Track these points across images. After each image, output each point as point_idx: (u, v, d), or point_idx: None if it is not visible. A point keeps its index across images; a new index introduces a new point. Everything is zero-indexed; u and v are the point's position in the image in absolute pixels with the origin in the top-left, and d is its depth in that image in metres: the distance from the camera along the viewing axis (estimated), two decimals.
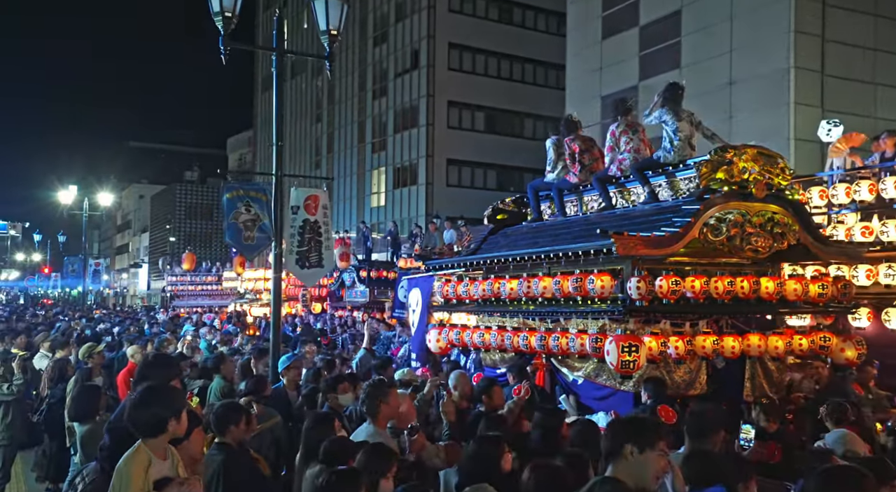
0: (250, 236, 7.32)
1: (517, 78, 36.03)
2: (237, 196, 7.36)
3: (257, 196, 7.42)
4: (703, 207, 5.53)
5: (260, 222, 7.32)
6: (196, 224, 61.94)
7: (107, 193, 24.37)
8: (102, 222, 76.65)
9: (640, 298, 5.43)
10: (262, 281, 22.10)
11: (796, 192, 6.02)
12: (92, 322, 17.80)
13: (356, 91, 38.86)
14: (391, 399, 4.36)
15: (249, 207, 7.29)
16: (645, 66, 22.44)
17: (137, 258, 66.95)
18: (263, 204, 7.41)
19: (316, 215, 7.74)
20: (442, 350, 7.98)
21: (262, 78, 50.32)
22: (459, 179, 34.74)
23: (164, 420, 3.00)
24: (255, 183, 8.00)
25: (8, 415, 7.48)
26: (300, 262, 7.65)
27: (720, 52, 19.99)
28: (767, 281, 5.84)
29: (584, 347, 5.83)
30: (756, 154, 5.73)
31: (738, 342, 5.83)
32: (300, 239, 7.64)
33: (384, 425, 4.34)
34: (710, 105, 19.82)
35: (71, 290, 59.77)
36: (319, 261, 7.73)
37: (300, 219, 7.69)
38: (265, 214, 7.38)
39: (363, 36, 38.21)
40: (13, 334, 11.16)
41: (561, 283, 5.95)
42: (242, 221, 7.26)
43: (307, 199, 7.76)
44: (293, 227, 7.67)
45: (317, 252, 7.71)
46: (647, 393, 5.42)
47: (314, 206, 7.74)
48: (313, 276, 8.00)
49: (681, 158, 6.09)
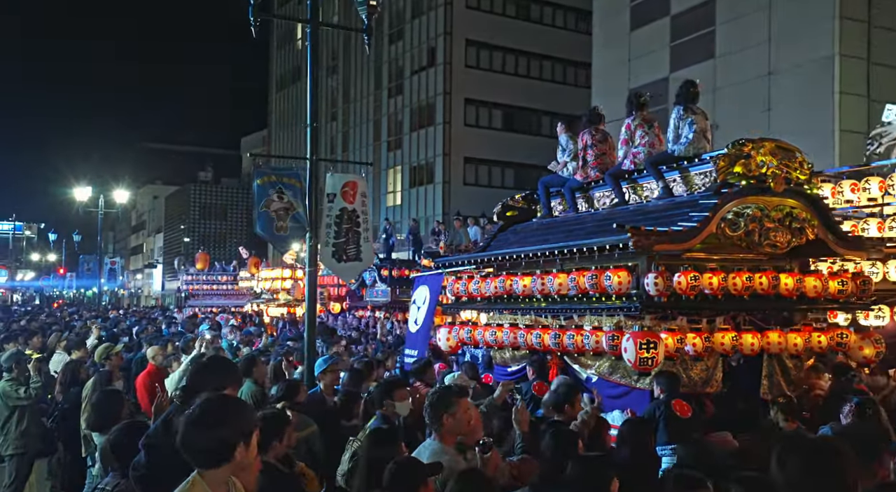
0: (283, 226, 6.81)
1: (535, 75, 36.10)
2: (269, 182, 6.82)
3: (291, 182, 6.89)
4: (721, 201, 5.55)
5: (293, 211, 6.82)
6: (210, 224, 62.67)
7: (122, 190, 24.60)
8: (117, 223, 77.80)
9: (658, 294, 5.44)
10: (280, 280, 22.22)
11: (815, 186, 6.05)
12: (108, 322, 17.93)
13: (371, 89, 39.14)
14: (460, 410, 3.74)
15: (282, 195, 6.78)
16: (676, 56, 22.08)
17: (152, 259, 67.93)
18: (297, 191, 6.90)
19: (354, 204, 7.18)
20: (452, 349, 7.86)
21: (277, 77, 50.87)
22: (476, 177, 34.88)
23: (232, 446, 2.29)
24: (289, 168, 7.36)
25: (23, 421, 7.06)
26: (337, 255, 7.10)
27: (757, 42, 19.44)
28: (787, 277, 5.84)
29: (599, 345, 5.85)
30: (774, 148, 5.76)
31: (756, 339, 5.82)
32: (337, 230, 7.09)
33: (451, 441, 3.74)
34: (746, 97, 19.51)
35: (86, 290, 60.85)
36: (358, 254, 7.19)
37: (337, 208, 7.13)
38: (299, 202, 6.88)
39: (378, 33, 38.46)
40: (27, 335, 10.73)
41: (577, 279, 5.97)
42: (274, 209, 6.75)
43: (345, 185, 7.20)
44: (329, 216, 7.09)
45: (355, 244, 7.17)
46: (661, 387, 5.41)
47: (352, 193, 7.18)
48: (351, 270, 7.43)
49: (696, 151, 6.11)
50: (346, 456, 4.39)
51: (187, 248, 54.68)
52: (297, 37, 47.96)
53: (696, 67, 21.11)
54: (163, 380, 6.87)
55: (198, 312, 21.70)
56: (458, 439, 3.79)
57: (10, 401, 7.01)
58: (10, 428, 7.02)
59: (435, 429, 3.75)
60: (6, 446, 7.03)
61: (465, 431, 3.79)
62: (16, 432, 7.01)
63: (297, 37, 48.04)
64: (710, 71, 20.74)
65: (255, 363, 6.48)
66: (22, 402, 6.99)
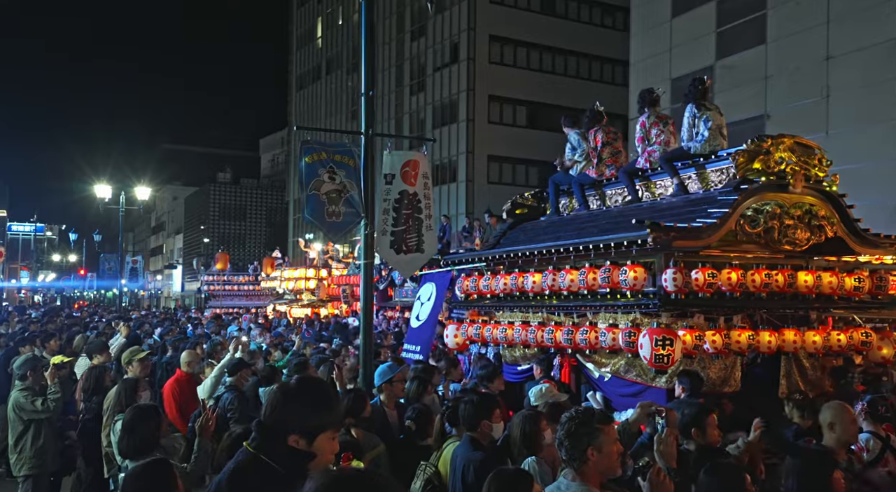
0: (336, 212, 6.04)
1: (560, 71, 36.16)
2: (319, 160, 6.06)
3: (344, 161, 6.12)
4: (741, 197, 5.63)
5: (347, 194, 6.05)
6: (230, 225, 63.73)
7: (144, 186, 24.95)
8: (137, 224, 79.46)
9: (676, 291, 5.51)
10: (304, 281, 22.27)
11: (833, 183, 6.10)
12: (131, 323, 17.89)
13: (393, 87, 39.51)
14: (607, 442, 3.00)
15: (334, 175, 6.03)
16: (723, 43, 21.36)
17: (171, 260, 69.29)
18: (352, 171, 6.13)
19: (415, 186, 6.38)
20: (459, 346, 7.79)
21: (297, 76, 51.56)
22: (500, 175, 35.05)
23: None
24: (342, 144, 6.46)
25: (39, 436, 6.24)
26: (395, 245, 6.31)
27: (814, 24, 18.67)
28: (806, 275, 5.90)
29: (615, 342, 5.90)
30: (793, 144, 5.86)
31: (774, 338, 5.87)
32: (396, 216, 6.30)
33: (598, 482, 3.04)
34: (801, 84, 18.66)
35: (106, 291, 62.29)
36: (419, 245, 6.40)
37: (396, 190, 6.35)
38: (354, 183, 6.10)
39: (400, 29, 38.83)
40: (44, 337, 9.78)
41: (590, 275, 6.03)
42: (325, 192, 5.99)
43: (405, 165, 6.39)
44: (387, 200, 6.33)
45: (416, 233, 6.40)
46: (682, 386, 5.44)
47: (413, 174, 6.37)
48: (411, 264, 6.61)
49: (712, 148, 6.21)
50: (418, 485, 4.07)
51: (207, 248, 55.66)
52: (318, 35, 48.57)
53: (745, 54, 20.48)
54: (193, 388, 6.65)
55: (220, 313, 21.86)
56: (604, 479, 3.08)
57: (25, 414, 6.24)
58: (25, 445, 6.23)
59: (575, 466, 3.03)
60: (20, 466, 6.24)
61: (612, 468, 3.09)
62: (31, 449, 6.22)
63: (317, 36, 48.66)
64: (761, 57, 20.14)
65: (306, 367, 5.78)
66: (39, 415, 6.23)
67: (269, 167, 70.69)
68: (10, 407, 6.37)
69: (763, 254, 6.05)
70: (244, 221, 64.76)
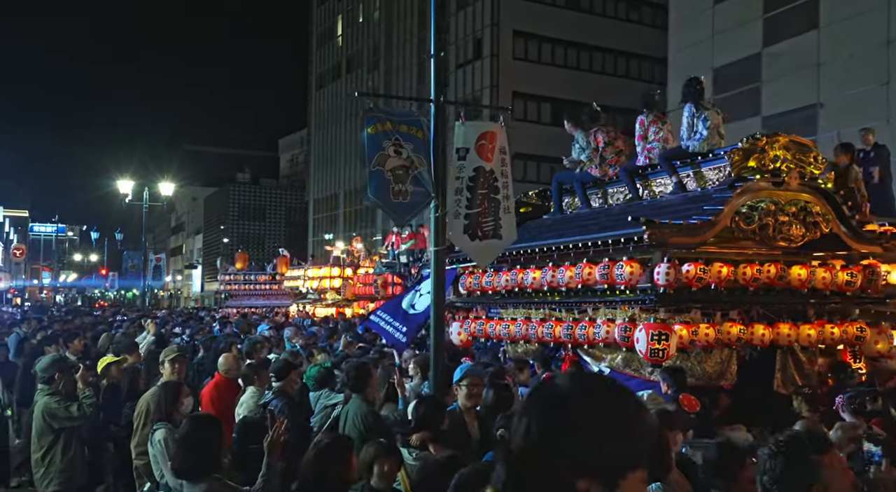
0: (402, 191, 5.39)
1: (584, 67, 36.43)
2: (383, 131, 5.42)
3: (412, 133, 5.50)
4: (735, 195, 5.95)
5: (415, 171, 5.41)
6: (249, 225, 65.01)
7: (168, 182, 25.10)
8: (157, 225, 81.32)
9: (667, 285, 5.78)
10: (328, 280, 22.00)
11: (828, 180, 6.42)
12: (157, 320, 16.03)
13: (415, 84, 40.14)
14: (834, 477, 2.40)
15: (400, 149, 5.40)
16: (772, 29, 20.87)
17: (191, 260, 70.88)
18: (420, 144, 5.48)
19: (492, 162, 5.64)
20: (464, 343, 7.99)
21: (316, 75, 52.43)
22: (525, 173, 35.48)
23: None
24: (409, 113, 5.81)
25: (70, 448, 5.65)
26: (470, 230, 5.58)
27: (872, 6, 18.13)
28: (799, 269, 6.15)
29: (610, 336, 6.17)
30: (788, 142, 6.20)
31: (767, 331, 6.13)
32: (470, 197, 5.56)
33: None
34: (857, 71, 18.21)
35: (126, 291, 63.98)
36: (496, 229, 5.65)
37: (471, 167, 5.60)
38: (423, 158, 5.46)
39: (422, 26, 39.39)
40: (67, 336, 9.33)
41: (587, 271, 6.30)
42: (390, 168, 5.35)
43: (481, 138, 5.63)
44: (460, 178, 5.58)
45: (492, 216, 5.64)
46: (667, 383, 5.56)
47: (490, 148, 5.64)
48: (488, 251, 5.82)
49: (710, 147, 6.52)
50: None
51: (226, 248, 56.87)
52: (338, 34, 49.39)
53: (795, 40, 19.96)
54: (234, 394, 6.11)
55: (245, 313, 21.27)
56: None
57: (58, 422, 5.60)
58: (55, 457, 5.60)
59: None
60: (47, 481, 5.61)
61: None
62: (62, 461, 5.59)
63: (337, 34, 49.47)
64: (813, 43, 19.70)
65: (369, 374, 5.16)
66: (73, 422, 5.63)
67: (287, 167, 71.93)
68: (38, 415, 5.68)
69: (759, 250, 6.31)
70: (263, 221, 66.04)
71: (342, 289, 21.78)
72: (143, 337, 10.22)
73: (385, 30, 42.14)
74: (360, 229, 40.91)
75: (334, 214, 48.71)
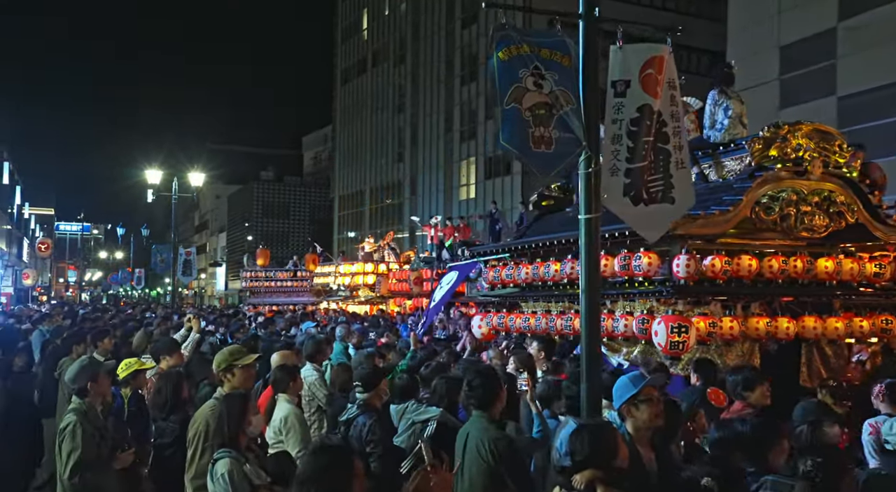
0: (545, 137, 4.07)
1: None
2: (517, 56, 4.16)
3: (556, 59, 4.17)
4: (756, 184, 5.97)
5: (561, 111, 4.09)
6: (273, 222, 66.14)
7: (197, 173, 25.01)
8: (181, 223, 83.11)
9: (686, 278, 5.81)
10: (361, 276, 21.65)
11: (854, 169, 6.37)
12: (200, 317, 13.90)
13: (442, 78, 40.35)
14: None
15: (541, 80, 4.12)
16: (847, 1, 19.48)
17: (216, 258, 72.35)
18: (567, 75, 4.15)
19: (660, 100, 4.25)
20: (486, 336, 8.12)
21: (341, 70, 53.07)
22: None
23: None
24: (552, 34, 4.26)
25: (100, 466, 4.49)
26: (632, 191, 4.22)
27: None
28: (826, 261, 6.16)
29: (628, 328, 6.22)
30: (811, 131, 6.17)
31: (791, 324, 6.12)
32: (632, 146, 4.21)
33: None
34: None
35: (150, 290, 65.53)
36: (667, 190, 4.27)
37: (632, 105, 4.23)
38: (571, 94, 4.12)
39: (450, 18, 39.61)
40: (96, 334, 8.36)
41: (605, 263, 6.27)
42: (529, 106, 4.09)
43: (646, 65, 4.25)
44: (618, 121, 4.23)
45: (662, 173, 4.28)
46: (697, 375, 5.58)
47: (657, 80, 4.24)
48: (657, 219, 4.40)
49: (731, 136, 6.54)
50: None
51: (250, 246, 58.02)
52: (363, 27, 49.98)
53: (876, 12, 18.57)
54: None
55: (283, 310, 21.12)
56: None
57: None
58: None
59: None
60: None
61: None
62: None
63: (362, 27, 50.06)
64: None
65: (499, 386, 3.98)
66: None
67: (311, 164, 73.01)
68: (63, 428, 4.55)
69: (782, 241, 6.33)
70: (287, 218, 67.15)
71: (376, 285, 21.58)
72: (182, 334, 8.73)
73: (412, 22, 42.44)
74: (386, 227, 41.47)
75: (359, 211, 49.28)
